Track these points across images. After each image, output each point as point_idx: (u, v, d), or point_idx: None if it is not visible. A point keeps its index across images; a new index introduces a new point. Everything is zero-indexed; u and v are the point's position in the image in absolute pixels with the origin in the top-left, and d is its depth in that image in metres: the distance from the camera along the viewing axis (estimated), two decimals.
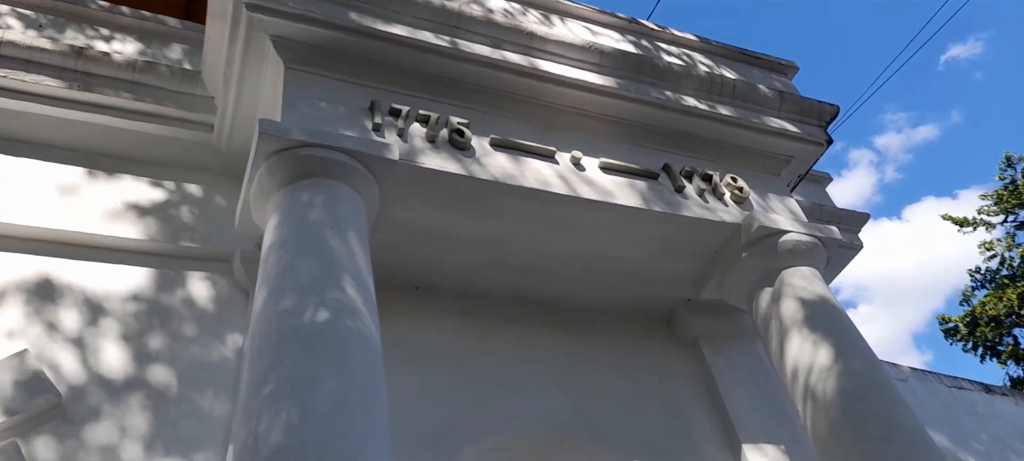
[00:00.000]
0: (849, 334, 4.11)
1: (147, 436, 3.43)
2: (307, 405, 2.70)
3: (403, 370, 4.09)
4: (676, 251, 4.70)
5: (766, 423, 4.62)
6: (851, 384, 3.79)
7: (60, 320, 3.73)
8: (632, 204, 4.39)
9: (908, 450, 3.53)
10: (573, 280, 4.88)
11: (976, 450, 5.80)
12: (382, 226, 4.17)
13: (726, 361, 4.96)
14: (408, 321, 4.43)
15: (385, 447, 2.75)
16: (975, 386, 6.61)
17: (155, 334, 3.84)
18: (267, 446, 2.58)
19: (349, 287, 3.21)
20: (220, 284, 4.18)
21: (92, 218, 4.14)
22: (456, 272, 4.68)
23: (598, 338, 4.94)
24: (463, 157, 4.13)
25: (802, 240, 4.47)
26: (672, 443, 4.46)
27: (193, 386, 3.68)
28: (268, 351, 2.93)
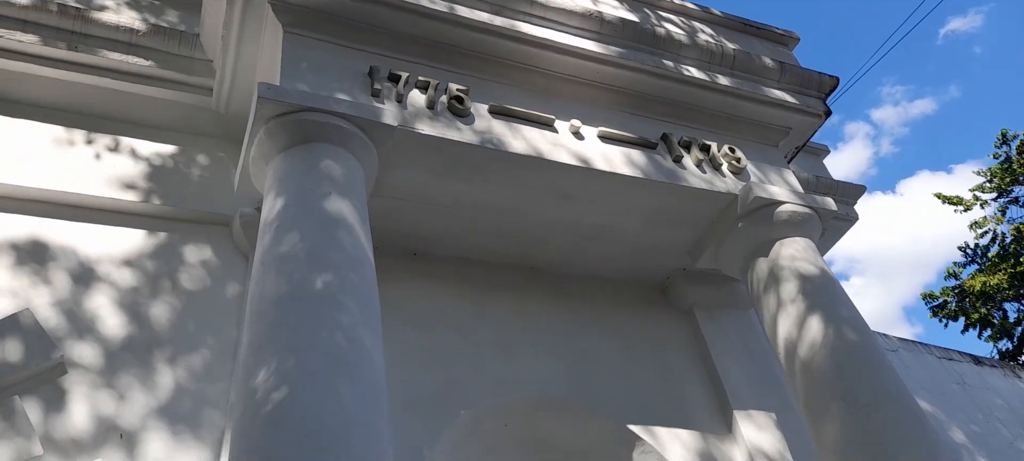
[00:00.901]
0: (841, 304, 4.16)
1: (148, 395, 3.48)
2: (306, 366, 2.74)
3: (401, 334, 4.14)
4: (673, 220, 4.73)
5: (758, 390, 4.70)
6: (841, 353, 3.85)
7: (60, 281, 3.76)
8: (630, 173, 4.41)
9: (896, 417, 3.60)
10: (570, 248, 4.92)
11: (963, 419, 5.91)
12: (381, 192, 4.19)
13: (720, 329, 5.03)
14: (406, 286, 4.47)
15: (383, 408, 2.80)
16: (964, 357, 6.71)
17: (155, 296, 3.87)
18: (267, 405, 2.63)
19: (348, 251, 3.24)
20: (220, 247, 4.20)
21: (91, 180, 4.14)
22: (454, 239, 4.71)
23: (594, 306, 4.99)
24: (462, 124, 4.13)
25: (798, 211, 4.50)
26: (665, 409, 4.54)
27: (193, 346, 3.72)
28: (267, 313, 2.96)
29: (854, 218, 5.73)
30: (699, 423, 4.53)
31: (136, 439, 3.32)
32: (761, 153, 5.04)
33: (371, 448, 2.59)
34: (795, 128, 5.26)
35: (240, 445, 2.60)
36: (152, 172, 4.34)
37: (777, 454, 4.36)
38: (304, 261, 3.13)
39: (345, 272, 3.13)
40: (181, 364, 3.64)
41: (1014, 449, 5.94)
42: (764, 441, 4.42)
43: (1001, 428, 6.10)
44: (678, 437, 4.40)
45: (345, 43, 4.19)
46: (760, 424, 4.50)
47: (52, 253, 3.86)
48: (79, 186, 4.10)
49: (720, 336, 4.97)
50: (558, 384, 4.45)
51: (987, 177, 16.20)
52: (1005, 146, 16.15)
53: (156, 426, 3.39)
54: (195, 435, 3.42)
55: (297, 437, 2.52)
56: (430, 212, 4.49)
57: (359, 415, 2.65)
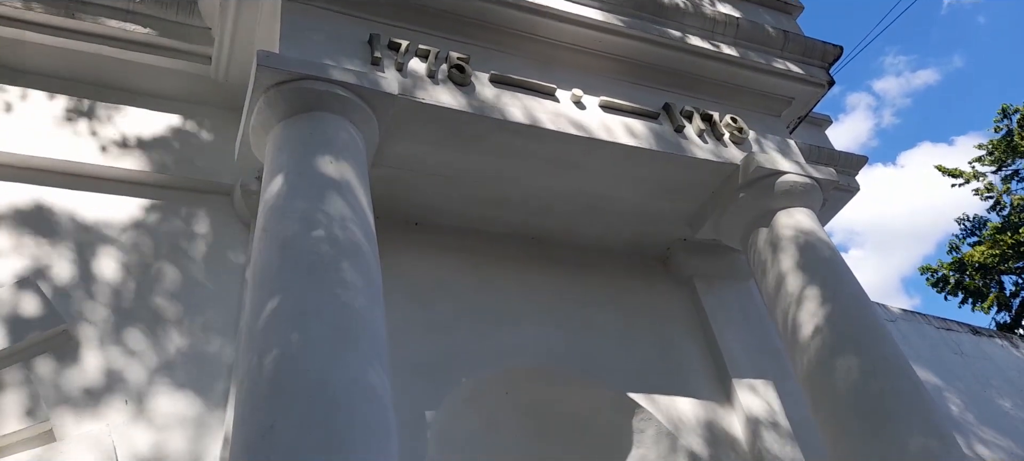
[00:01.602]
0: (841, 274, 4.17)
1: (151, 362, 3.51)
2: (309, 334, 2.76)
3: (402, 303, 4.16)
4: (674, 191, 4.73)
5: (756, 360, 4.73)
6: (840, 322, 3.87)
7: (62, 250, 3.77)
8: (631, 143, 4.40)
9: (893, 386, 3.63)
10: (571, 218, 4.92)
11: (960, 387, 5.97)
12: (381, 161, 4.18)
13: (719, 300, 5.05)
14: (407, 256, 4.48)
15: (384, 375, 2.83)
16: (962, 327, 6.75)
17: (157, 264, 3.88)
18: (271, 370, 2.65)
19: (349, 220, 3.24)
20: (221, 216, 4.21)
21: (92, 149, 4.14)
22: (455, 208, 4.71)
23: (595, 276, 5.01)
24: (462, 93, 4.11)
25: (799, 181, 4.49)
26: (664, 378, 4.57)
27: (196, 314, 3.74)
28: (269, 282, 2.98)
29: (855, 189, 5.72)
30: (698, 391, 4.57)
31: (141, 404, 3.35)
32: (763, 123, 5.02)
33: (374, 412, 2.62)
34: (798, 98, 5.23)
35: (245, 409, 2.63)
36: (153, 141, 4.33)
37: (774, 422, 4.41)
38: (305, 230, 3.13)
39: (346, 240, 3.14)
40: (184, 331, 3.66)
41: (1010, 417, 6.01)
42: (762, 409, 4.47)
43: (998, 397, 6.16)
44: (677, 405, 4.45)
45: (345, 10, 4.15)
46: (758, 392, 4.55)
47: (54, 221, 3.86)
48: (80, 155, 4.09)
49: (719, 306, 5.00)
50: (558, 352, 4.48)
51: (988, 150, 16.15)
52: (1006, 120, 16.07)
53: (161, 391, 3.42)
54: (200, 400, 3.45)
55: (302, 401, 2.55)
56: (431, 181, 4.49)
57: (362, 380, 2.68)
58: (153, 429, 3.29)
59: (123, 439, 3.21)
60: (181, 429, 3.33)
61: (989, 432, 5.75)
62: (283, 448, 2.43)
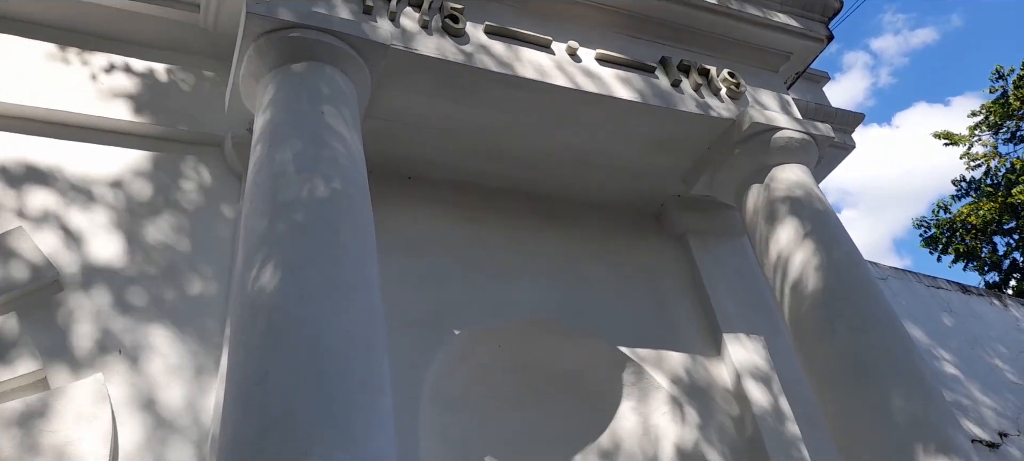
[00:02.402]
0: (834, 231, 4.18)
1: (144, 312, 3.50)
2: (302, 285, 2.75)
3: (395, 257, 4.16)
4: (669, 146, 4.70)
5: (748, 315, 4.76)
6: (832, 278, 3.89)
7: (52, 199, 3.72)
8: (627, 97, 4.35)
9: (883, 341, 3.66)
10: (566, 173, 4.89)
11: (949, 345, 6.04)
12: (374, 113, 4.13)
13: (712, 256, 5.06)
14: (400, 209, 4.46)
15: (379, 326, 2.83)
16: (952, 286, 6.80)
17: (148, 215, 3.85)
18: (265, 321, 2.65)
19: (341, 171, 3.21)
20: (212, 167, 4.16)
21: (80, 98, 4.06)
22: (449, 162, 4.67)
23: (588, 231, 5.00)
24: (456, 44, 4.04)
25: (795, 137, 4.47)
26: (656, 333, 4.60)
27: (188, 265, 3.73)
28: (262, 234, 2.96)
29: (851, 146, 5.70)
30: (689, 346, 4.61)
31: (135, 354, 3.35)
32: (761, 78, 4.97)
33: (368, 362, 2.63)
34: (796, 53, 5.17)
35: (239, 358, 2.63)
36: (142, 91, 4.25)
37: (764, 376, 4.46)
38: (297, 181, 3.10)
39: (339, 192, 3.11)
40: (177, 281, 3.65)
41: (997, 374, 6.10)
42: (752, 363, 4.51)
43: (986, 354, 6.24)
44: (668, 359, 4.49)
45: None
46: (749, 347, 4.59)
47: (43, 171, 3.81)
48: (69, 104, 4.01)
49: (712, 262, 5.01)
50: (551, 307, 4.50)
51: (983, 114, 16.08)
52: (1001, 81, 15.97)
53: (154, 340, 3.42)
54: (194, 348, 3.46)
55: (295, 351, 2.55)
56: (424, 135, 4.44)
57: (356, 331, 2.68)
58: (147, 377, 3.30)
59: (117, 387, 3.22)
60: (175, 377, 3.34)
61: (977, 389, 5.84)
62: (277, 396, 2.45)
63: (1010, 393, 5.96)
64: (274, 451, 2.33)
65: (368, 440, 2.42)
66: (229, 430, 2.48)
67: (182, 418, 3.24)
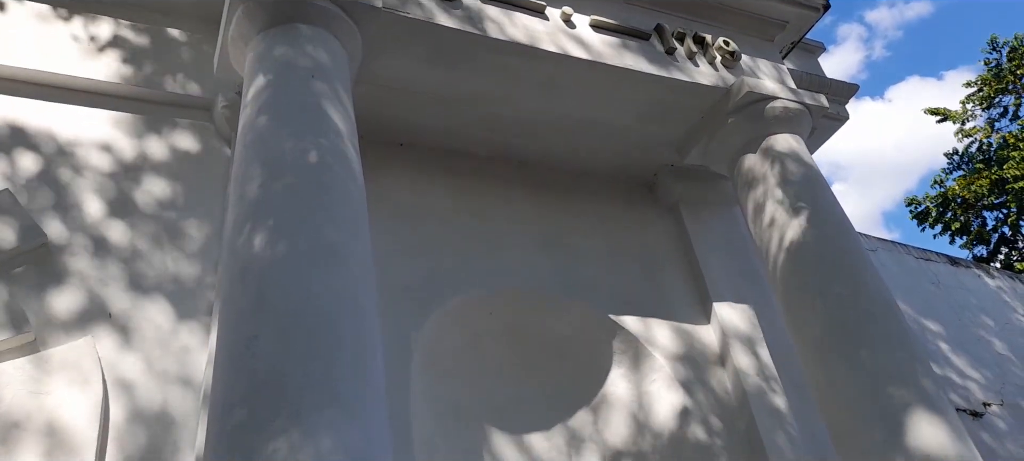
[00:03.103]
0: (825, 201, 4.19)
1: (134, 275, 3.48)
2: (292, 249, 2.74)
3: (386, 224, 4.14)
4: (663, 114, 4.68)
5: (737, 284, 4.79)
6: (822, 247, 3.91)
7: (39, 162, 3.68)
8: (622, 65, 4.32)
9: (871, 310, 3.69)
10: (559, 141, 4.87)
11: (936, 315, 6.11)
12: (365, 79, 4.08)
13: (704, 226, 5.08)
14: (392, 176, 4.44)
15: (370, 290, 2.83)
16: (941, 258, 6.86)
17: (137, 178, 3.81)
18: (255, 286, 2.65)
19: (332, 136, 3.19)
20: (201, 131, 4.12)
21: (68, 59, 4.00)
22: (441, 129, 4.64)
23: (581, 200, 5.00)
24: (449, 8, 3.99)
25: (789, 107, 4.46)
26: (647, 301, 4.63)
27: (177, 229, 3.70)
28: (251, 198, 2.94)
29: (845, 117, 5.69)
30: (679, 314, 4.64)
31: (125, 317, 3.34)
32: (756, 47, 4.94)
33: (359, 326, 2.63)
34: (792, 22, 5.14)
35: (229, 320, 2.63)
36: (131, 54, 4.19)
37: (752, 343, 4.50)
38: (287, 145, 3.08)
39: (329, 156, 3.09)
40: (167, 245, 3.63)
41: (983, 344, 6.18)
42: (741, 331, 4.55)
43: (972, 324, 6.32)
44: (658, 326, 4.52)
45: None
46: (738, 315, 4.62)
47: (29, 133, 3.76)
48: (57, 65, 3.95)
49: (704, 231, 5.03)
50: (543, 275, 4.51)
51: (977, 87, 16.06)
52: (995, 53, 15.94)
53: (144, 303, 3.41)
54: (184, 313, 3.45)
55: (286, 314, 2.55)
56: (416, 101, 4.40)
57: (346, 294, 2.68)
58: (137, 339, 3.30)
59: (107, 349, 3.21)
60: (165, 340, 3.34)
61: (962, 359, 5.92)
62: (267, 358, 2.45)
63: (995, 364, 6.04)
64: (264, 413, 2.33)
65: (359, 402, 2.43)
66: (219, 392, 2.48)
67: (172, 380, 3.24)
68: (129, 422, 3.09)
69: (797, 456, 4.09)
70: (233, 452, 2.28)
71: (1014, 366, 6.10)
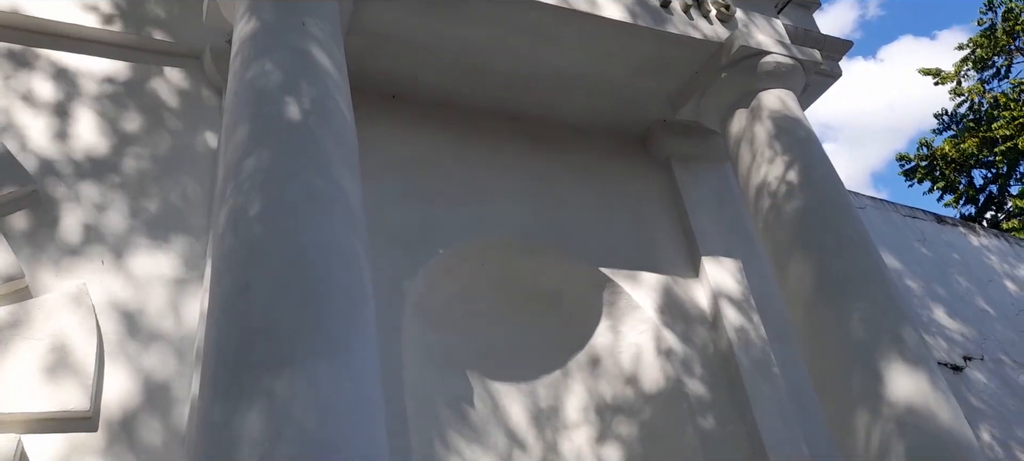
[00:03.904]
0: (816, 157, 4.21)
1: (126, 222, 3.48)
2: (283, 197, 2.74)
3: (378, 174, 4.14)
4: (657, 69, 4.66)
5: (727, 239, 4.84)
6: (811, 203, 3.95)
7: (27, 109, 3.64)
8: (617, 17, 4.29)
9: (856, 264, 3.75)
10: (552, 94, 4.85)
11: (919, 272, 6.20)
12: (357, 29, 4.04)
13: (695, 180, 5.10)
14: (383, 128, 4.42)
15: (362, 238, 2.84)
16: (928, 216, 6.93)
17: (128, 126, 3.79)
18: (248, 234, 2.66)
19: (323, 85, 3.16)
20: (192, 79, 4.08)
21: (57, 5, 3.92)
22: (433, 80, 4.61)
23: (573, 154, 5.00)
24: None
25: (783, 62, 4.45)
26: (636, 254, 4.67)
27: (169, 176, 3.69)
28: (243, 147, 2.93)
29: (837, 74, 5.68)
30: (668, 268, 4.69)
31: (118, 263, 3.35)
32: (751, 1, 4.90)
33: (350, 275, 2.65)
34: None
35: (221, 269, 2.65)
36: (121, 1, 4.11)
37: (740, 297, 4.56)
38: (278, 93, 3.06)
39: (320, 106, 3.07)
40: (159, 193, 3.62)
41: (965, 302, 6.29)
42: (729, 285, 4.61)
43: (956, 282, 6.42)
44: (647, 280, 4.57)
45: None
46: (726, 270, 4.68)
47: (17, 79, 3.71)
48: (46, 11, 3.88)
49: (695, 186, 5.05)
50: (534, 228, 4.54)
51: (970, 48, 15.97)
52: (991, 13, 15.81)
53: (137, 251, 3.42)
54: (176, 260, 3.46)
55: (277, 262, 2.57)
56: (408, 52, 4.36)
57: (338, 243, 2.69)
58: (131, 287, 3.32)
59: (101, 296, 3.23)
60: (159, 287, 3.36)
61: (945, 314, 6.03)
62: (259, 306, 2.47)
63: (976, 320, 6.16)
64: (257, 359, 2.35)
65: (351, 349, 2.46)
66: (212, 339, 2.51)
67: (166, 327, 3.27)
68: (124, 368, 3.12)
69: (780, 407, 4.19)
70: (227, 397, 2.32)
71: (995, 322, 6.22)
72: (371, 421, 2.39)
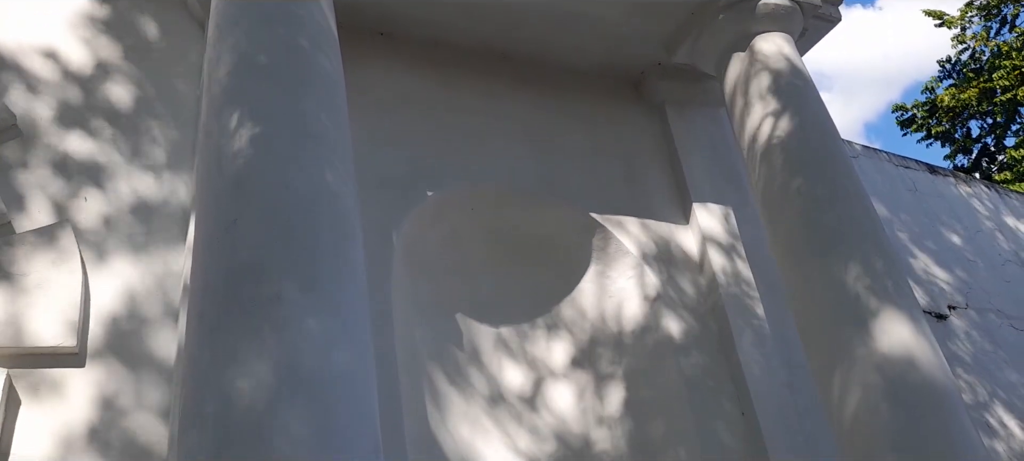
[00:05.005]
0: (811, 103, 4.17)
1: (108, 159, 3.43)
2: (269, 135, 2.70)
3: (366, 115, 4.08)
4: (652, 9, 4.56)
5: (719, 185, 4.82)
6: (804, 149, 3.92)
7: (5, 44, 3.54)
8: None
9: (848, 212, 3.75)
10: (544, 34, 4.75)
11: (910, 220, 6.22)
12: None
13: (689, 125, 5.05)
14: (372, 67, 4.33)
15: (349, 177, 2.81)
16: (920, 166, 6.92)
17: (110, 61, 3.70)
18: (231, 173, 2.62)
19: (309, 22, 3.09)
20: (175, 14, 3.96)
21: None
22: (423, 18, 4.50)
23: (565, 97, 4.93)
24: None
25: (780, 4, 4.36)
26: (628, 200, 4.66)
27: (151, 112, 3.62)
28: (227, 85, 2.87)
29: (837, 18, 5.56)
30: (659, 214, 4.68)
31: (101, 200, 3.32)
32: None
33: (338, 214, 2.63)
34: None
35: (207, 205, 2.62)
36: None
37: (730, 244, 4.57)
38: (262, 28, 2.99)
39: (306, 40, 3.00)
40: (142, 130, 3.56)
41: (954, 252, 6.33)
42: (719, 232, 4.61)
43: (945, 233, 6.45)
44: (637, 225, 4.57)
45: None
46: (716, 216, 4.67)
47: None
48: None
49: (688, 131, 5.01)
50: (524, 171, 4.50)
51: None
52: None
53: (121, 189, 3.38)
54: (161, 197, 3.43)
55: (264, 199, 2.54)
56: None
57: (325, 182, 2.66)
58: (114, 223, 3.29)
59: (84, 233, 3.20)
60: (143, 223, 3.33)
61: (932, 263, 6.08)
62: (246, 244, 2.45)
63: (963, 270, 6.20)
64: (245, 297, 2.35)
65: (339, 288, 2.46)
66: (199, 276, 2.50)
67: (151, 263, 3.26)
68: (110, 305, 3.12)
69: (765, 352, 4.24)
70: (214, 336, 2.32)
71: (981, 273, 6.28)
72: (360, 360, 2.40)
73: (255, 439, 2.11)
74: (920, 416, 3.17)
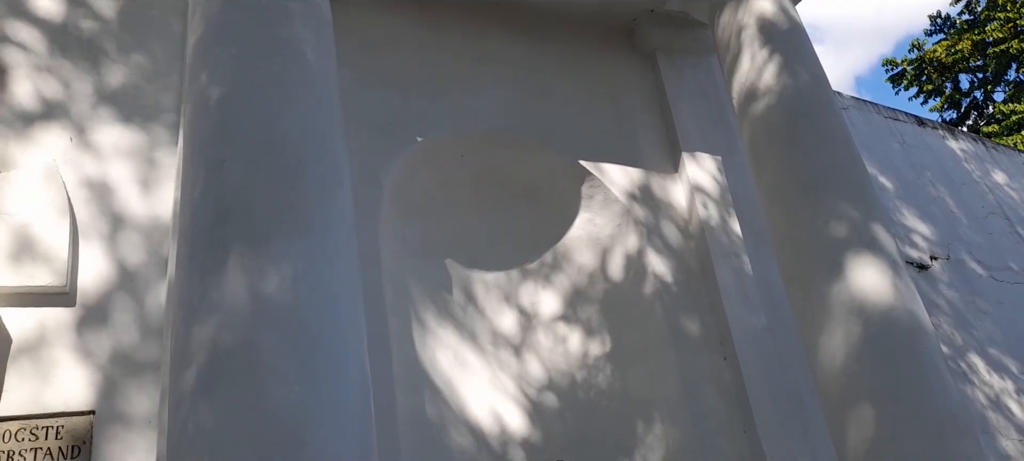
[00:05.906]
0: (803, 53, 4.15)
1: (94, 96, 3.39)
2: (256, 76, 2.69)
3: (355, 58, 4.03)
4: None
5: (708, 134, 4.82)
6: (795, 98, 3.92)
7: None
8: None
9: (835, 161, 3.78)
10: None
11: (896, 172, 6.27)
12: None
13: (679, 74, 5.02)
14: (361, 9, 4.26)
15: (337, 120, 2.80)
16: (909, 118, 6.93)
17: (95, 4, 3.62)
18: (217, 112, 2.61)
19: None
20: None
21: None
22: None
23: (556, 43, 4.88)
24: None
25: None
26: (617, 148, 4.66)
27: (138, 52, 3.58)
28: (213, 27, 2.86)
29: None
30: (647, 162, 4.69)
31: (88, 141, 3.29)
32: None
33: (326, 154, 2.63)
34: None
35: (194, 145, 2.61)
36: None
37: (717, 193, 4.60)
38: None
39: None
40: (128, 72, 3.52)
41: (938, 203, 6.40)
42: (706, 181, 4.63)
43: (930, 184, 6.50)
44: (626, 174, 4.58)
45: None
46: (705, 166, 4.69)
47: None
48: None
49: (678, 80, 4.98)
50: (514, 118, 4.48)
51: None
52: None
53: (107, 129, 3.35)
54: (148, 138, 3.40)
55: (251, 139, 2.54)
56: None
57: (314, 126, 2.65)
58: (101, 164, 3.27)
59: (71, 173, 3.19)
60: (130, 164, 3.31)
61: (915, 214, 6.15)
62: (234, 184, 2.45)
63: (946, 222, 6.28)
64: (233, 237, 2.36)
65: (327, 229, 2.47)
66: (188, 216, 2.50)
67: (139, 204, 3.25)
68: (98, 245, 3.12)
69: (748, 298, 4.30)
70: (203, 276, 2.33)
71: (963, 225, 6.36)
72: (348, 300, 2.43)
73: (246, 376, 2.15)
74: (898, 362, 3.25)
